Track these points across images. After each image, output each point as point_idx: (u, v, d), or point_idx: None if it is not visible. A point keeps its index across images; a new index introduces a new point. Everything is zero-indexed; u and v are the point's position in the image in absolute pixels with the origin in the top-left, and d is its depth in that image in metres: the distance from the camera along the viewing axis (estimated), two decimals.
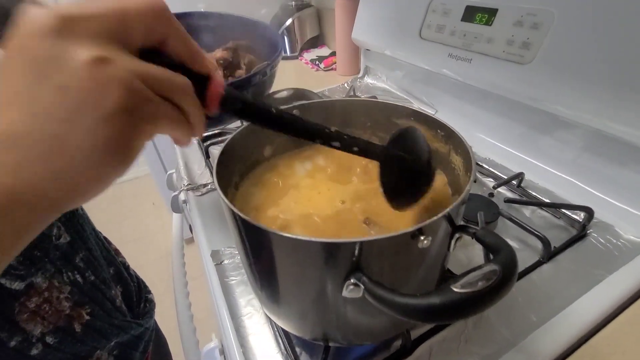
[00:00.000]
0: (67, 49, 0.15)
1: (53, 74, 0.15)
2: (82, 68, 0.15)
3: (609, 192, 0.48)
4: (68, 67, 0.15)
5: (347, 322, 0.29)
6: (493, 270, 0.18)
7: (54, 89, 0.15)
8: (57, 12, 0.15)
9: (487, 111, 0.65)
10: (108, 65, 0.15)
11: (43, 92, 0.15)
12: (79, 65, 0.15)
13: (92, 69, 0.15)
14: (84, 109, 0.15)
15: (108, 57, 0.15)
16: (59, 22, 0.15)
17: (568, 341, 0.35)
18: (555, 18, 0.47)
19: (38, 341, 0.34)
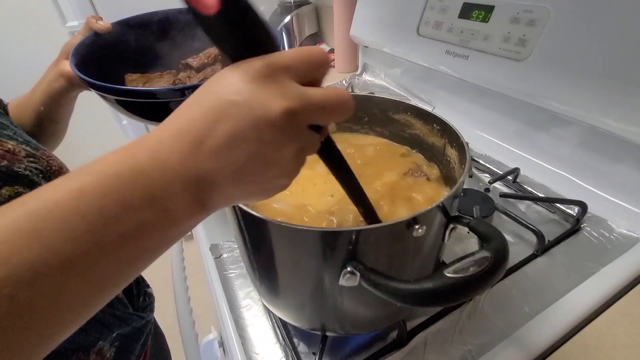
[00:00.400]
0: (285, 141, 0.19)
1: (271, 152, 0.19)
2: (292, 155, 0.19)
3: (603, 187, 0.49)
4: (283, 152, 0.19)
5: (344, 312, 0.30)
6: (485, 257, 0.19)
7: (265, 161, 0.19)
8: (288, 110, 0.18)
9: (484, 108, 0.65)
10: (303, 152, 0.20)
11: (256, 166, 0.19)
12: (289, 153, 0.19)
13: (295, 156, 0.20)
14: (278, 174, 0.20)
15: (295, 110, 0.18)
16: (284, 118, 0.18)
17: (560, 332, 0.35)
18: (551, 15, 0.48)
19: None
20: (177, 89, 0.38)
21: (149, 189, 0.17)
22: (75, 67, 0.41)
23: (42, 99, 0.48)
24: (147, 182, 0.17)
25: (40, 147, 0.44)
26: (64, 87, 0.46)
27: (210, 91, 0.19)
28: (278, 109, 0.18)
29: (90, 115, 1.58)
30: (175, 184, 0.18)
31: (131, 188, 0.17)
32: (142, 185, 0.17)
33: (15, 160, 0.34)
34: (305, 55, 0.19)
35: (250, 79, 0.18)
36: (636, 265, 0.40)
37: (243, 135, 0.18)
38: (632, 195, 0.46)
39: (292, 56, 0.19)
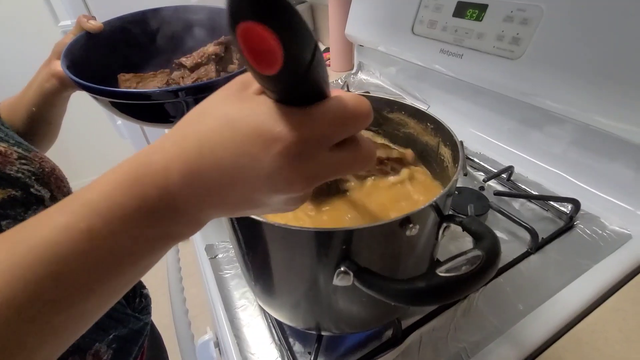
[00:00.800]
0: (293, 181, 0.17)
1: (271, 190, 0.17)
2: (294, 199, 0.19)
3: (596, 185, 0.49)
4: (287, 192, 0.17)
5: (338, 311, 0.30)
6: (477, 256, 0.19)
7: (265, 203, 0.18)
8: (305, 138, 0.16)
9: (478, 106, 0.65)
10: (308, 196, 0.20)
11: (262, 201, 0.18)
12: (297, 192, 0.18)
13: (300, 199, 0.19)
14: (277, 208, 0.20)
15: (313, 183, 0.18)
16: (301, 149, 0.16)
17: (554, 329, 0.36)
18: (544, 14, 0.48)
19: None
20: (170, 90, 0.37)
21: (159, 230, 0.18)
22: (67, 68, 0.41)
23: (34, 100, 0.47)
24: (155, 221, 0.17)
25: (32, 148, 0.44)
26: (56, 87, 0.46)
27: (235, 142, 0.16)
28: (300, 191, 0.17)
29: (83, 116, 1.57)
30: (180, 222, 0.18)
31: (141, 226, 0.17)
32: (152, 224, 0.17)
33: (7, 162, 0.34)
34: (350, 119, 0.17)
35: (283, 154, 0.16)
36: (628, 262, 0.41)
37: (255, 202, 0.18)
38: (624, 193, 0.47)
39: (334, 122, 0.16)
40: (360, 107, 0.17)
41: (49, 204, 0.36)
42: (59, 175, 0.39)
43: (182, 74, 0.50)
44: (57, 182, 0.38)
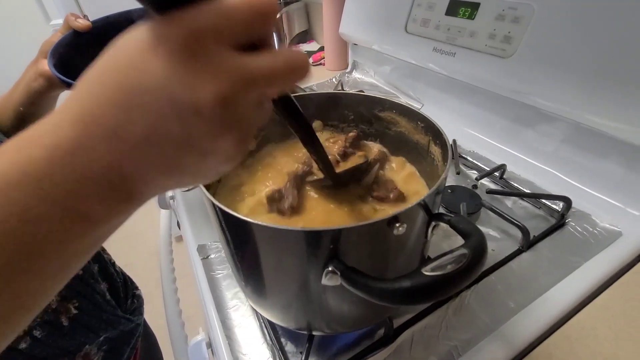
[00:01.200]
0: (194, 83, 0.14)
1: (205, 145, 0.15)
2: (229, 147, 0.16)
3: (587, 182, 0.50)
4: (193, 104, 0.14)
5: (329, 311, 0.30)
6: (463, 254, 0.19)
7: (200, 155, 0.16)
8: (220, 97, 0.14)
9: (471, 105, 0.66)
10: (231, 104, 0.15)
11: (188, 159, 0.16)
12: (228, 146, 0.16)
13: (236, 147, 0.16)
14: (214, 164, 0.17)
15: (230, 94, 0.14)
16: (218, 109, 0.14)
17: (544, 326, 0.36)
18: (535, 12, 0.48)
19: (26, 334, 0.34)
20: None
21: (53, 197, 0.14)
22: (54, 67, 0.40)
23: (21, 99, 0.47)
24: (48, 188, 0.14)
25: None
26: (44, 87, 0.45)
27: (117, 66, 0.14)
28: (208, 96, 0.14)
29: None
30: (87, 186, 0.15)
31: (29, 197, 0.14)
32: (43, 193, 0.14)
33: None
34: (244, 8, 0.14)
35: (168, 55, 0.13)
36: (618, 260, 0.41)
37: (165, 130, 0.14)
38: (615, 190, 0.47)
39: (225, 12, 0.14)
40: (261, 2, 0.14)
41: None
42: None
43: None
44: None
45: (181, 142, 0.15)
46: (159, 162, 0.15)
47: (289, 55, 0.15)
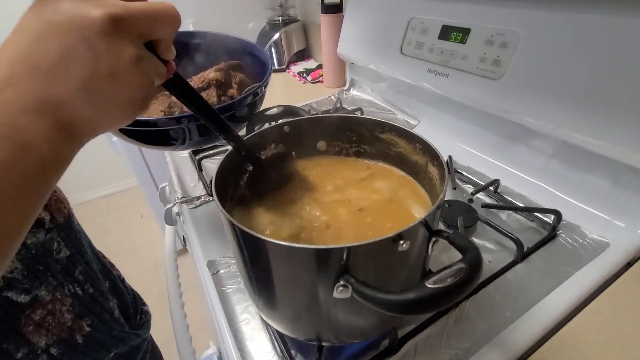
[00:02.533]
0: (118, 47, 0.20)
1: (108, 61, 0.20)
2: (130, 63, 0.20)
3: (576, 196, 0.53)
4: (120, 60, 0.20)
5: (338, 322, 0.32)
6: (461, 268, 0.22)
7: (108, 72, 0.20)
8: (109, 14, 0.19)
9: (465, 122, 0.69)
10: (141, 62, 0.21)
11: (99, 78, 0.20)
12: (128, 59, 0.20)
13: (134, 65, 0.21)
14: (124, 86, 0.21)
15: (116, 15, 0.19)
16: (110, 24, 0.19)
17: (539, 333, 0.38)
18: (521, 38, 0.52)
19: (43, 352, 0.35)
20: (173, 118, 0.40)
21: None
22: None
23: None
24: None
25: None
26: None
27: (29, 18, 0.19)
28: (99, 15, 0.18)
29: None
30: (21, 116, 0.18)
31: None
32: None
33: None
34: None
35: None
36: (606, 269, 0.43)
37: (73, 49, 0.18)
38: (602, 203, 0.50)
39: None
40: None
41: (49, 226, 0.37)
42: (60, 197, 0.40)
43: None
44: (57, 204, 0.39)
45: (90, 60, 0.19)
46: (74, 84, 0.19)
47: (159, 2, 0.22)
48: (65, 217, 0.40)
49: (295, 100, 1.00)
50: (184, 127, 0.41)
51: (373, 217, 0.38)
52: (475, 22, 0.59)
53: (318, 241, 0.35)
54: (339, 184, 0.43)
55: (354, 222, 0.37)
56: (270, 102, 0.56)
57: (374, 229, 0.37)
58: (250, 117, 0.51)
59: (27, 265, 0.34)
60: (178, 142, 0.45)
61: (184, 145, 0.46)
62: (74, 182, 2.10)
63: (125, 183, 2.25)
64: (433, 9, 0.66)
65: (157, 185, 0.84)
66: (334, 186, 0.43)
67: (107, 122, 0.22)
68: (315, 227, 0.37)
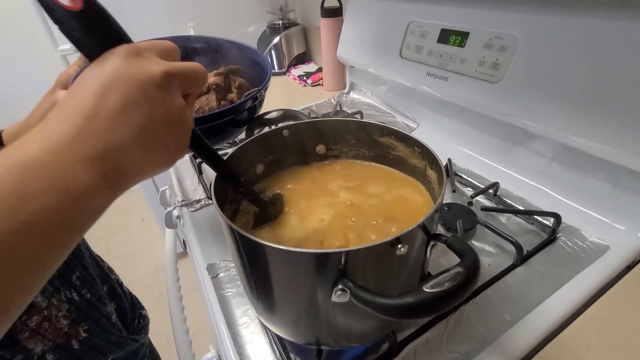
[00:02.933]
0: (170, 98, 0.23)
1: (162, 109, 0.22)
2: (178, 110, 0.23)
3: (575, 199, 0.53)
4: (171, 108, 0.23)
5: (337, 326, 0.32)
6: (458, 272, 0.22)
7: (161, 118, 0.22)
8: (166, 71, 0.22)
9: (465, 125, 0.69)
10: (184, 110, 0.24)
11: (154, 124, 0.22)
12: (176, 108, 0.23)
13: (181, 112, 0.23)
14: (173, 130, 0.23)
15: (171, 72, 0.22)
16: (165, 79, 0.22)
17: (539, 337, 0.38)
18: (520, 41, 0.52)
19: (39, 359, 0.35)
20: None
21: (43, 174, 0.18)
22: None
23: None
24: (40, 168, 0.18)
25: None
26: None
27: (91, 75, 0.20)
28: (158, 71, 0.21)
29: None
30: (72, 163, 0.18)
31: (24, 178, 0.17)
32: (35, 173, 0.17)
33: None
34: (158, 42, 0.24)
35: (123, 57, 0.21)
36: (606, 272, 0.43)
37: (133, 100, 0.20)
38: (602, 206, 0.50)
39: (147, 42, 0.23)
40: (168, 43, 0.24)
41: None
42: None
43: None
44: None
45: (148, 109, 0.21)
46: (131, 132, 0.20)
47: (192, 63, 0.25)
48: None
49: (295, 104, 1.00)
50: None
51: (374, 220, 0.38)
52: (474, 25, 0.59)
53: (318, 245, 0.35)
54: (338, 187, 0.43)
55: (354, 226, 0.37)
56: (271, 105, 0.56)
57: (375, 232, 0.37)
58: (250, 121, 0.51)
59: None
60: None
61: None
62: None
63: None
64: (432, 12, 0.67)
65: (158, 189, 0.85)
66: (333, 190, 0.43)
67: (155, 165, 0.23)
68: (315, 231, 0.37)
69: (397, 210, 0.39)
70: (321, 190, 0.43)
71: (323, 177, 0.45)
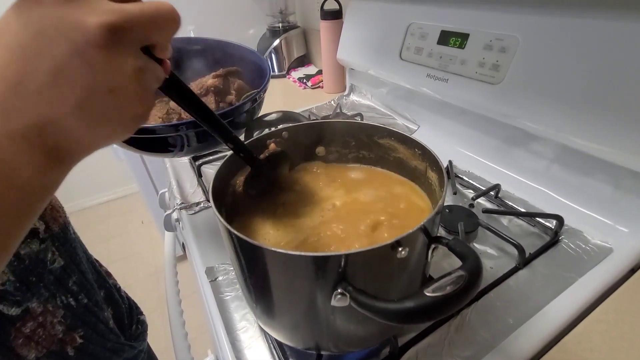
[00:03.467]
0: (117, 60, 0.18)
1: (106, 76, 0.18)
2: (130, 76, 0.18)
3: (578, 201, 0.52)
4: (120, 74, 0.18)
5: (336, 331, 0.31)
6: (460, 276, 0.21)
7: (107, 89, 0.18)
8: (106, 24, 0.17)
9: (465, 126, 0.69)
10: (142, 73, 0.19)
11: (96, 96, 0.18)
12: (128, 72, 0.18)
13: (135, 77, 0.19)
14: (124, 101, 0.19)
15: (114, 24, 0.17)
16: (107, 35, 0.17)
17: (542, 341, 0.37)
18: (520, 43, 0.52)
19: None
20: (173, 125, 0.40)
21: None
22: None
23: None
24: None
25: None
26: None
27: (18, 20, 0.16)
28: (95, 26, 0.16)
29: None
30: (7, 142, 0.16)
31: None
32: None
33: None
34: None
35: (51, 2, 0.16)
36: (610, 275, 0.43)
37: (68, 66, 0.16)
38: (604, 208, 0.49)
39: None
40: None
41: (44, 236, 0.36)
42: (55, 205, 0.39)
43: None
44: (53, 213, 0.38)
45: (86, 77, 0.17)
46: (68, 105, 0.17)
47: (157, 2, 0.19)
48: (61, 226, 0.39)
49: (295, 106, 1.00)
50: (182, 134, 0.41)
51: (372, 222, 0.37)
52: (474, 27, 0.59)
53: (317, 248, 0.35)
54: (338, 190, 0.43)
55: (353, 229, 0.37)
56: (271, 107, 0.56)
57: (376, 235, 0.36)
58: (249, 123, 0.50)
59: (20, 277, 0.33)
60: (176, 148, 0.45)
61: (182, 151, 0.46)
62: (75, 189, 2.10)
63: (126, 189, 2.25)
64: (431, 14, 0.67)
65: (158, 191, 0.84)
66: (332, 192, 0.43)
67: (104, 140, 0.20)
68: (315, 234, 0.36)
69: (397, 213, 0.39)
70: (320, 192, 0.43)
71: (322, 179, 0.45)
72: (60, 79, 0.16)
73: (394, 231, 0.35)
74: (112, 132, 0.20)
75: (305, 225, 0.38)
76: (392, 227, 0.36)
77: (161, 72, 0.22)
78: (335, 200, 0.41)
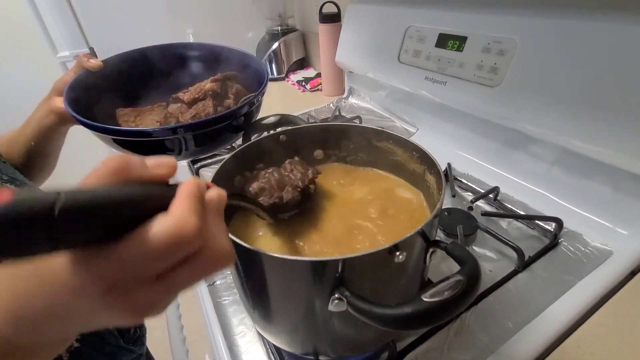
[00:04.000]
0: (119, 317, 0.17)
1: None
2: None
3: (577, 203, 0.52)
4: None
5: (334, 336, 0.31)
6: (458, 281, 0.21)
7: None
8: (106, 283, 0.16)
9: (464, 129, 0.69)
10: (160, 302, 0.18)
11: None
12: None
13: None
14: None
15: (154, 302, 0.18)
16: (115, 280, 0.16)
17: (542, 345, 0.37)
18: (518, 45, 0.52)
19: None
20: (170, 128, 0.40)
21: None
22: (69, 107, 0.43)
23: (33, 134, 0.49)
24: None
25: (26, 182, 0.45)
26: (55, 122, 0.48)
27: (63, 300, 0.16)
28: (132, 324, 0.18)
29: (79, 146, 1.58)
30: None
31: None
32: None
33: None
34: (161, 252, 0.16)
35: (101, 293, 0.15)
36: (610, 278, 0.42)
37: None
38: (604, 211, 0.49)
39: (137, 262, 0.15)
40: (175, 236, 0.15)
41: None
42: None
43: (180, 108, 0.52)
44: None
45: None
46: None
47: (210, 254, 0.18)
48: None
49: (294, 109, 1.00)
50: (180, 137, 0.41)
51: (373, 226, 0.37)
52: (472, 30, 0.59)
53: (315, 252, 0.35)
54: (337, 192, 0.43)
55: (353, 233, 0.37)
56: (270, 111, 0.55)
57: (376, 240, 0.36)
58: (247, 126, 0.50)
59: None
60: (174, 152, 0.45)
61: (180, 155, 0.46)
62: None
63: None
64: (430, 17, 0.67)
65: None
66: (330, 195, 0.42)
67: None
68: (315, 237, 0.36)
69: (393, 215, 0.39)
70: (318, 195, 0.42)
71: (321, 182, 0.45)
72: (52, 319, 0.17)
73: (390, 235, 0.35)
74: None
75: (303, 228, 0.37)
76: (388, 231, 0.36)
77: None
78: (333, 202, 0.41)
